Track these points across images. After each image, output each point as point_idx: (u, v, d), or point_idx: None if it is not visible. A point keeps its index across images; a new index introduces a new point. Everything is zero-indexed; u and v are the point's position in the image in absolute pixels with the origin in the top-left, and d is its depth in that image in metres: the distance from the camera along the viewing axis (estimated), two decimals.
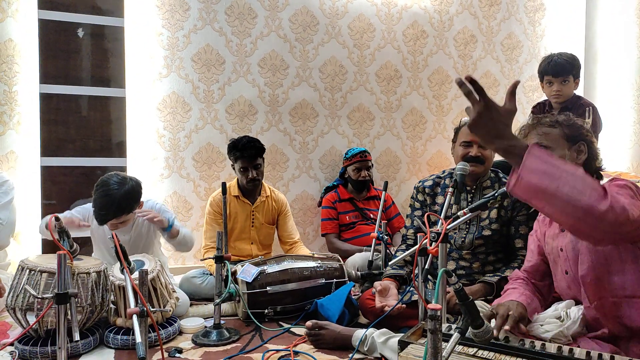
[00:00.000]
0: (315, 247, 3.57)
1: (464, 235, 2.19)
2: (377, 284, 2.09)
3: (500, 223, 2.17)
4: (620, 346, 1.40)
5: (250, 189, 2.89)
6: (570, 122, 1.57)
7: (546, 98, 2.95)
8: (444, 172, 2.40)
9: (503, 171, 2.30)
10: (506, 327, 1.38)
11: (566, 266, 1.52)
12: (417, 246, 1.62)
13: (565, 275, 1.54)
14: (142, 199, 2.34)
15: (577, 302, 1.53)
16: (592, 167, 1.57)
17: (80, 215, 2.42)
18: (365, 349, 1.84)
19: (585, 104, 2.79)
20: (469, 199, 2.23)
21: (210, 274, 2.69)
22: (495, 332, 1.34)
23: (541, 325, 1.48)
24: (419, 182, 2.41)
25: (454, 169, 2.16)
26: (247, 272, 2.34)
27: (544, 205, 1.13)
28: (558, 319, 1.48)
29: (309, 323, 2.00)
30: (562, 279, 1.56)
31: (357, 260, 2.76)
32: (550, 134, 1.55)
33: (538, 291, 1.65)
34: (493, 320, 1.57)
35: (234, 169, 2.92)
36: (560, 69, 2.68)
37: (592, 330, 1.47)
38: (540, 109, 2.96)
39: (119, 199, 2.17)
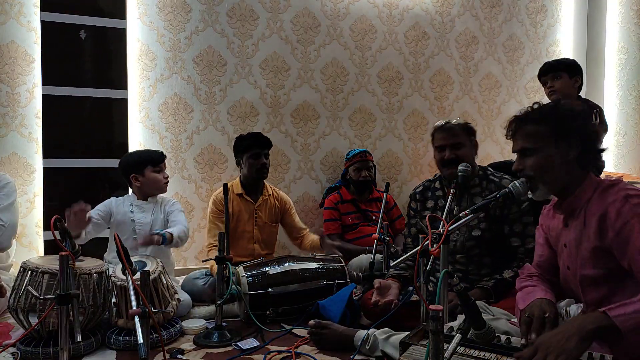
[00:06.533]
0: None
1: (455, 239, 2.15)
2: (377, 281, 2.09)
3: (489, 221, 2.12)
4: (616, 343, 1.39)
5: (255, 182, 2.90)
6: (559, 113, 1.44)
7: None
8: (435, 175, 2.38)
9: (503, 171, 2.27)
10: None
11: (568, 262, 1.51)
12: (418, 247, 1.62)
13: (567, 270, 1.53)
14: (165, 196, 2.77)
15: (577, 300, 1.52)
16: (588, 161, 1.45)
17: (104, 207, 2.52)
18: (367, 348, 1.83)
19: (592, 106, 2.80)
20: (456, 200, 2.20)
21: (213, 275, 2.68)
22: (534, 335, 1.32)
23: None
24: (414, 189, 2.41)
25: None
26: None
27: None
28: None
29: (311, 322, 2.00)
30: (562, 272, 1.56)
31: (364, 261, 2.71)
32: (536, 135, 1.46)
33: (553, 288, 1.57)
34: (498, 323, 1.56)
35: (239, 165, 2.92)
36: (548, 66, 2.83)
37: None
38: None
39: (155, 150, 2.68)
